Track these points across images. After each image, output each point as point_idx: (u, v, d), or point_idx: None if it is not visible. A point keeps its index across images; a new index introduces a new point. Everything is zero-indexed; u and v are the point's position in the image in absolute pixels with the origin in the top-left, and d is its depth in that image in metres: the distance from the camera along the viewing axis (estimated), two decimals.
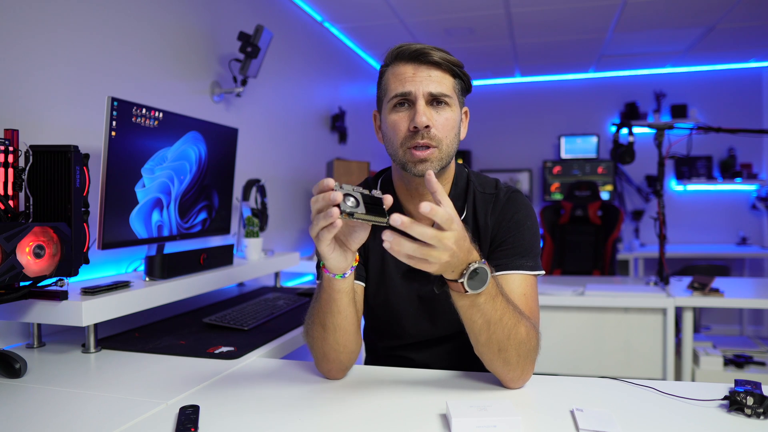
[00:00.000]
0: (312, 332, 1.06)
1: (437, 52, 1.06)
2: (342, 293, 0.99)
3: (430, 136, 1.04)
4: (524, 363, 1.00)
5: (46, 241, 1.15)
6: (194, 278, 1.67)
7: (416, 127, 1.03)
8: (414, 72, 1.05)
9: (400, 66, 1.07)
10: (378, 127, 1.16)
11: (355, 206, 0.86)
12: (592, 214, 3.87)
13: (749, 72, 4.85)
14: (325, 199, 0.84)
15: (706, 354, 2.41)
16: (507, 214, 1.15)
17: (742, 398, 0.91)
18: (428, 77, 1.05)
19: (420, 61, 1.05)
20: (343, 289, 0.98)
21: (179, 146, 1.70)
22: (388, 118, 1.08)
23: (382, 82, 1.11)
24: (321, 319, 1.02)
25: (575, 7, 3.31)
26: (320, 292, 1.02)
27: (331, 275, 0.95)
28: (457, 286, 0.90)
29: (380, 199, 0.89)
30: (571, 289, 2.60)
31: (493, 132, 5.40)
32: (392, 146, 1.09)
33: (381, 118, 1.13)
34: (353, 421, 0.92)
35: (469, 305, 0.93)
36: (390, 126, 1.07)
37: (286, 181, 3.02)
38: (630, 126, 2.83)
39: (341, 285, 0.98)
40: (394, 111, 1.07)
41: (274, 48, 2.73)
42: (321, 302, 1.01)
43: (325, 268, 0.96)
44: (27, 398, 1.05)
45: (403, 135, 1.06)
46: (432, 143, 1.04)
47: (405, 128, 1.05)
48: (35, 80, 1.51)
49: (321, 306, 1.02)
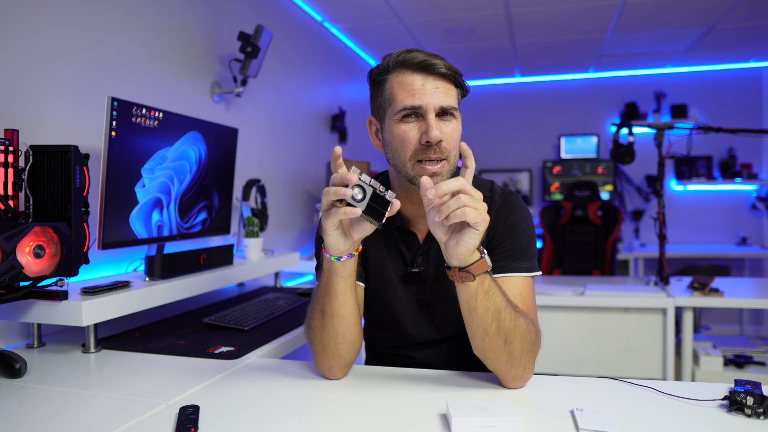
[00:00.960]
0: (312, 322, 1.07)
1: (440, 61, 1.05)
2: (338, 276, 1.01)
3: (441, 149, 1.04)
4: (527, 359, 1.00)
5: (46, 241, 1.15)
6: (194, 278, 1.67)
7: (429, 141, 1.02)
8: (423, 83, 1.04)
9: (406, 76, 1.05)
10: (374, 134, 1.14)
11: (358, 200, 0.89)
12: (592, 214, 3.87)
13: (749, 72, 4.85)
14: (342, 177, 0.90)
15: (706, 354, 2.41)
16: (502, 217, 1.15)
17: (742, 398, 0.91)
18: (436, 89, 1.04)
19: (428, 72, 1.04)
20: (339, 273, 1.00)
21: (179, 146, 1.70)
22: (395, 129, 1.06)
23: (385, 89, 1.08)
24: (320, 306, 1.04)
25: (575, 7, 3.31)
26: (321, 278, 1.04)
27: (328, 256, 0.99)
28: (481, 264, 0.94)
29: (388, 203, 0.92)
30: (571, 289, 2.60)
31: (493, 132, 5.40)
32: (399, 158, 1.07)
33: (383, 126, 1.10)
34: (353, 421, 0.92)
35: (486, 290, 0.96)
36: (398, 138, 1.06)
37: (286, 181, 3.02)
38: (630, 126, 2.83)
39: (337, 268, 1.00)
40: (402, 122, 1.05)
41: (274, 48, 2.73)
42: (321, 288, 1.04)
43: (324, 248, 0.99)
44: (27, 398, 1.05)
45: (414, 148, 1.04)
46: (442, 156, 1.05)
47: (415, 141, 1.04)
48: (35, 80, 1.51)
49: (321, 292, 1.05)
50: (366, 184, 0.90)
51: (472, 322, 0.99)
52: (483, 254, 0.95)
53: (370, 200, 0.90)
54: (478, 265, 0.94)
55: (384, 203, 0.91)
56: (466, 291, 0.96)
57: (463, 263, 0.94)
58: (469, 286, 0.95)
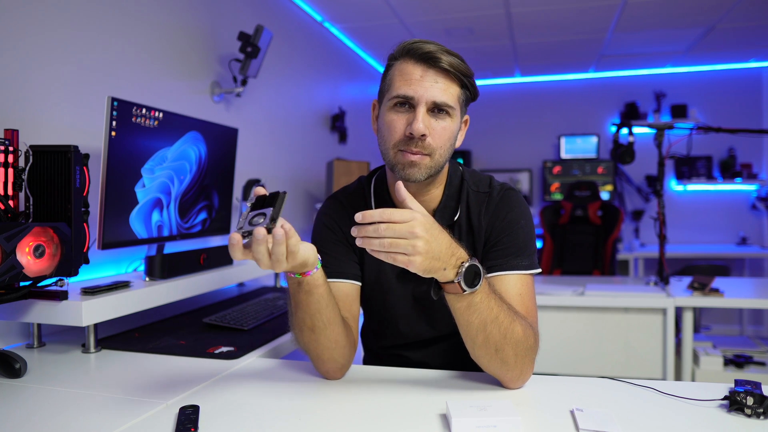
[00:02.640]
0: (302, 338, 1.03)
1: (448, 57, 1.02)
2: (320, 288, 0.96)
3: (424, 144, 1.02)
4: (522, 362, 0.99)
5: (46, 241, 1.15)
6: (194, 278, 1.67)
7: (412, 133, 1.01)
8: (421, 75, 1.02)
9: (408, 64, 1.04)
10: (375, 118, 1.14)
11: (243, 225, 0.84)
12: (592, 214, 3.87)
13: (749, 72, 4.85)
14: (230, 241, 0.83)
15: (706, 354, 2.41)
16: (500, 214, 1.13)
17: (742, 398, 0.91)
18: (434, 84, 1.02)
19: (429, 64, 1.02)
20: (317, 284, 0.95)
21: (179, 146, 1.70)
22: (386, 115, 1.06)
23: (388, 75, 1.08)
24: (309, 324, 1.00)
25: (575, 7, 3.31)
26: (296, 298, 0.98)
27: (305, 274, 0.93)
28: (454, 287, 0.90)
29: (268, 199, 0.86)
30: (571, 289, 2.60)
31: (493, 132, 5.40)
32: (384, 144, 1.07)
33: (380, 111, 1.11)
34: (353, 421, 0.92)
35: (466, 307, 0.92)
36: (386, 124, 1.05)
37: (286, 181, 3.02)
38: (630, 126, 2.83)
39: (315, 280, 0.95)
40: (393, 110, 1.05)
41: (274, 48, 2.73)
42: (301, 306, 0.98)
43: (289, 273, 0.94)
44: (27, 398, 1.05)
45: (398, 137, 1.04)
46: (424, 152, 1.03)
47: (401, 131, 1.03)
48: (35, 80, 1.51)
49: (302, 310, 0.99)
50: (248, 212, 0.86)
51: (460, 330, 0.98)
52: (456, 279, 0.89)
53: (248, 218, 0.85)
54: (449, 285, 0.91)
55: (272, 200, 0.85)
56: (447, 299, 0.94)
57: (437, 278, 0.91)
58: (447, 296, 0.93)
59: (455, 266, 0.89)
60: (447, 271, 0.89)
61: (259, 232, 0.81)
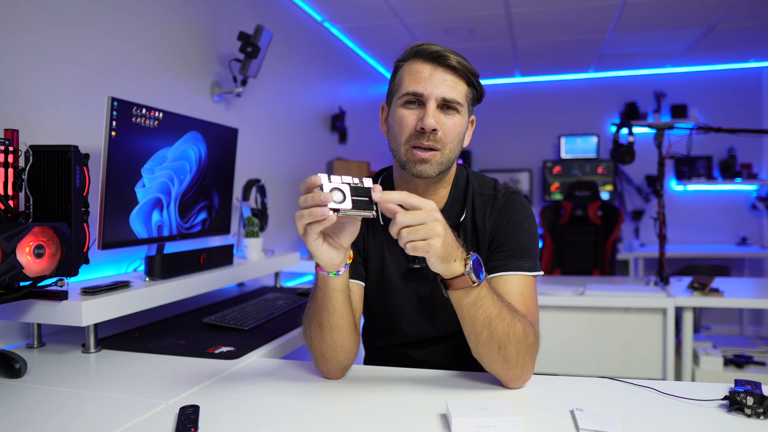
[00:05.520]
0: (309, 332, 1.06)
1: (456, 56, 1.06)
2: (337, 291, 0.98)
3: (436, 138, 1.05)
4: (524, 361, 1.00)
5: (46, 241, 1.15)
6: (194, 278, 1.67)
7: (423, 128, 1.03)
8: (431, 73, 1.05)
9: (417, 64, 1.07)
10: (384, 120, 1.17)
11: (340, 201, 0.84)
12: (592, 214, 3.87)
13: (749, 72, 4.85)
14: (315, 199, 0.84)
15: (706, 354, 2.41)
16: (505, 216, 1.15)
17: (742, 398, 0.91)
18: (443, 81, 1.05)
19: (438, 62, 1.06)
20: (337, 288, 0.98)
21: (179, 146, 1.70)
22: (397, 113, 1.08)
23: (396, 76, 1.11)
24: (318, 319, 1.02)
25: (575, 7, 3.31)
26: (316, 291, 1.02)
27: (324, 273, 0.96)
28: (463, 280, 0.91)
29: (369, 189, 0.87)
30: (571, 289, 2.60)
31: (493, 132, 5.40)
32: (395, 141, 1.09)
33: (389, 111, 1.13)
34: (353, 421, 0.92)
35: (473, 302, 0.94)
36: (397, 121, 1.08)
37: (286, 181, 3.02)
38: (630, 126, 2.83)
39: (335, 283, 0.97)
40: (404, 107, 1.07)
41: (274, 48, 2.73)
42: (317, 301, 1.01)
43: (318, 266, 0.96)
44: (27, 398, 1.05)
45: (409, 133, 1.06)
46: (436, 146, 1.05)
47: (412, 126, 1.06)
48: (35, 80, 1.51)
49: (317, 305, 1.02)
50: (339, 184, 0.85)
51: (464, 328, 0.99)
52: (466, 271, 0.91)
53: (353, 196, 0.85)
54: (458, 280, 0.92)
55: (365, 192, 0.86)
56: (453, 298, 0.95)
57: (444, 274, 0.93)
58: (454, 294, 0.94)
59: (462, 258, 0.91)
60: (456, 263, 0.91)
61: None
